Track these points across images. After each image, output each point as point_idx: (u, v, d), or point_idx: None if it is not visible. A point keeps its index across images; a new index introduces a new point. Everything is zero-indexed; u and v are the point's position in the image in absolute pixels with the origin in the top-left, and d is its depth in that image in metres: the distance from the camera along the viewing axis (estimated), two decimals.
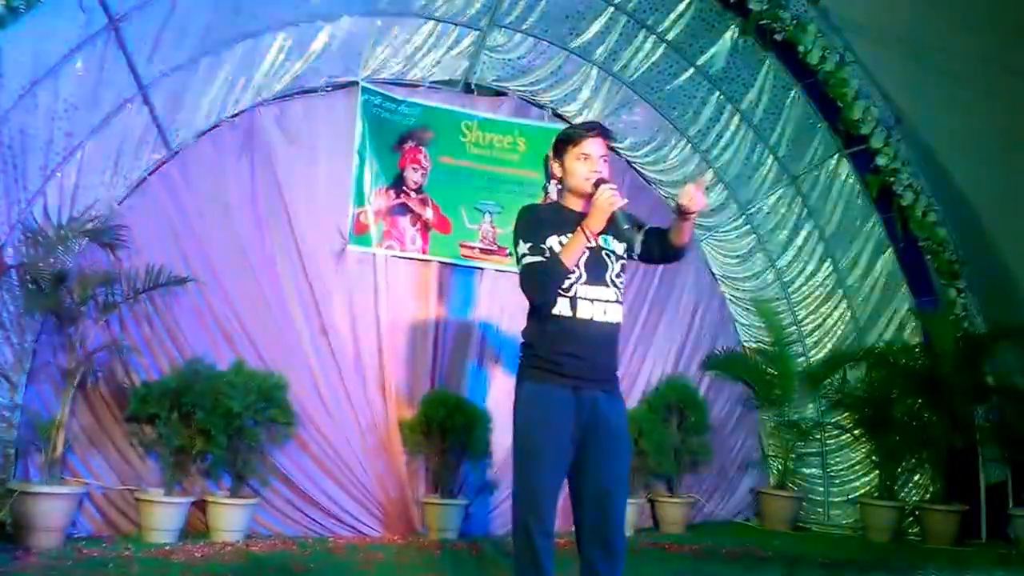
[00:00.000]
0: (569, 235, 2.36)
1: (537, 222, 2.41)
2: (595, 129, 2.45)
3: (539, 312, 2.40)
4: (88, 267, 3.96)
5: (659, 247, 2.48)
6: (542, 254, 2.35)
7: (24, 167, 3.78)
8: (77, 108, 3.87)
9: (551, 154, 2.48)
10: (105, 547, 3.76)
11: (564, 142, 2.45)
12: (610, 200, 2.30)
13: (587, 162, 2.40)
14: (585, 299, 2.36)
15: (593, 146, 2.41)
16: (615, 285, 2.42)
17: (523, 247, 2.37)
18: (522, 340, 2.47)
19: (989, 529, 5.46)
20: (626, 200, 2.34)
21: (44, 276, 3.79)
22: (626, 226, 2.35)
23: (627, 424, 2.47)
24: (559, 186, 2.51)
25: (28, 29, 3.60)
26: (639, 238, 2.43)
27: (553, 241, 2.37)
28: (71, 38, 3.75)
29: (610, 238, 2.43)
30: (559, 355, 2.35)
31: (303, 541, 4.27)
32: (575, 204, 2.45)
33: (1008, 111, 6.02)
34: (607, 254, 2.42)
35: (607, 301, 2.40)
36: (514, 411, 2.43)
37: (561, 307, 2.36)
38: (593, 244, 2.38)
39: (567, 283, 2.36)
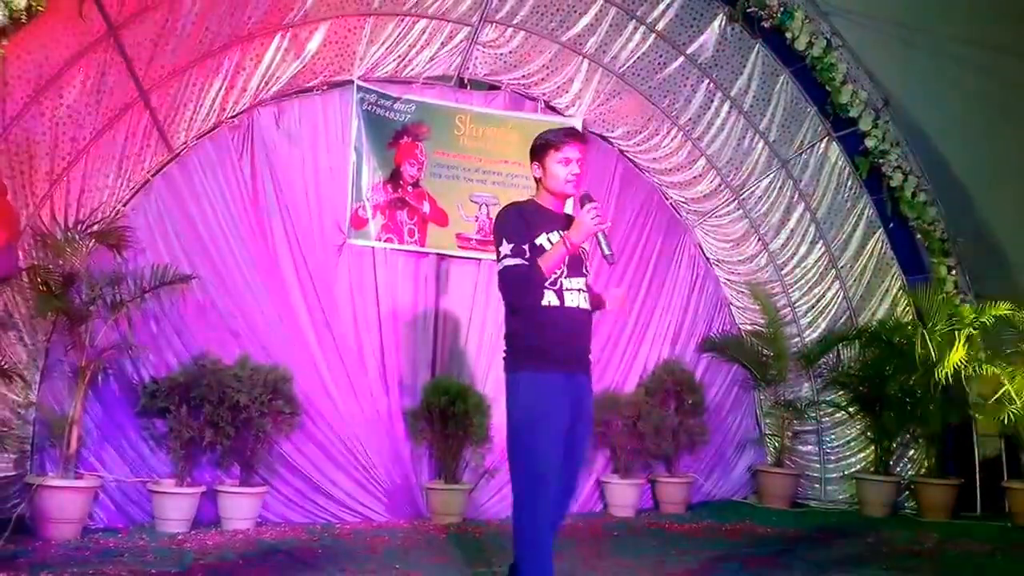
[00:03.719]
0: (555, 232, 2.56)
1: (521, 223, 2.57)
2: (575, 135, 2.67)
3: (527, 305, 2.55)
4: (96, 268, 4.06)
5: None
6: (523, 256, 2.51)
7: (31, 172, 3.88)
8: (80, 114, 3.97)
9: (530, 156, 2.67)
10: (121, 537, 3.88)
11: (545, 146, 2.64)
12: (595, 220, 2.49)
13: (567, 166, 2.60)
14: (570, 290, 2.56)
15: (572, 151, 2.61)
16: (587, 275, 2.66)
17: (506, 247, 2.53)
18: (509, 332, 2.60)
19: (984, 502, 5.55)
20: (608, 223, 2.56)
21: (54, 278, 3.90)
22: (608, 251, 2.55)
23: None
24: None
25: (31, 38, 3.69)
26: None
27: (543, 239, 2.56)
28: (72, 46, 3.84)
29: None
30: (553, 344, 2.51)
31: (311, 527, 4.39)
32: (551, 203, 2.66)
33: (997, 88, 6.06)
34: (581, 249, 2.62)
35: (584, 290, 2.61)
36: (511, 401, 2.55)
37: (550, 298, 2.53)
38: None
39: (552, 276, 2.54)
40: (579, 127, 5.38)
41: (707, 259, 6.03)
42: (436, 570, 3.58)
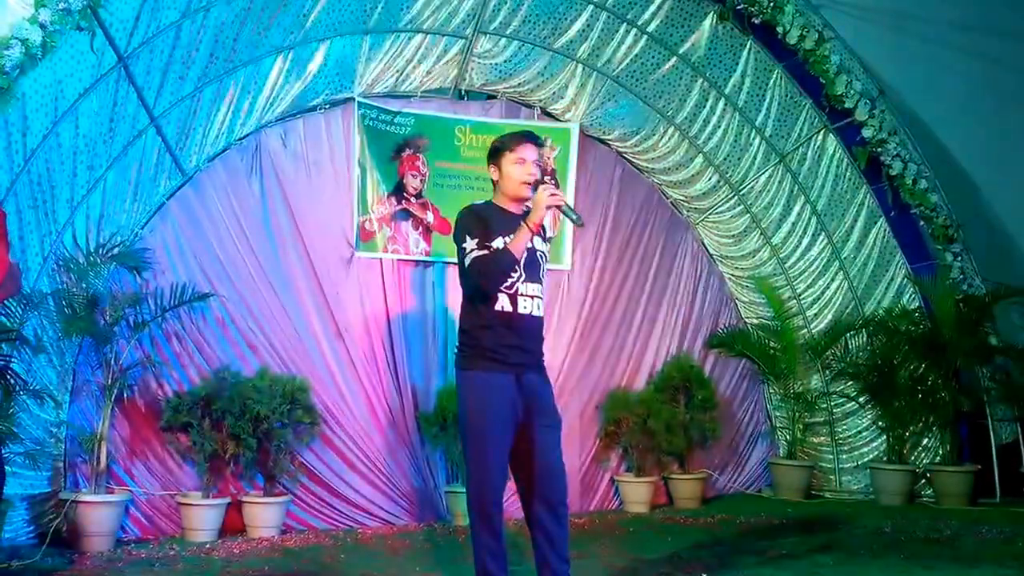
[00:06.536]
0: (512, 235, 2.62)
1: (481, 222, 2.65)
2: (530, 137, 2.71)
3: (481, 306, 2.64)
4: (117, 290, 4.23)
5: None
6: (488, 249, 2.60)
7: (52, 201, 4.04)
8: (96, 142, 4.13)
9: (487, 160, 2.73)
10: (151, 548, 4.02)
11: (500, 149, 2.70)
12: (550, 196, 2.56)
13: (523, 166, 2.66)
14: (524, 295, 2.64)
15: (527, 151, 2.66)
16: (543, 282, 2.72)
17: (470, 243, 2.61)
18: (462, 329, 2.70)
19: (1003, 488, 5.51)
20: (564, 200, 2.63)
21: (78, 301, 4.06)
22: (574, 216, 2.64)
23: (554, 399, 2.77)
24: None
25: (47, 73, 3.87)
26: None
27: (499, 242, 2.62)
28: (85, 78, 3.99)
29: (539, 240, 2.71)
30: (504, 347, 2.61)
31: (334, 533, 4.49)
32: (509, 205, 2.71)
33: (994, 72, 6.08)
34: (540, 255, 2.71)
35: (539, 297, 2.68)
36: (462, 398, 2.66)
37: (503, 303, 2.62)
38: (531, 244, 2.64)
39: (508, 281, 2.61)
40: (576, 132, 5.50)
41: (710, 256, 6.08)
42: (457, 571, 3.66)
